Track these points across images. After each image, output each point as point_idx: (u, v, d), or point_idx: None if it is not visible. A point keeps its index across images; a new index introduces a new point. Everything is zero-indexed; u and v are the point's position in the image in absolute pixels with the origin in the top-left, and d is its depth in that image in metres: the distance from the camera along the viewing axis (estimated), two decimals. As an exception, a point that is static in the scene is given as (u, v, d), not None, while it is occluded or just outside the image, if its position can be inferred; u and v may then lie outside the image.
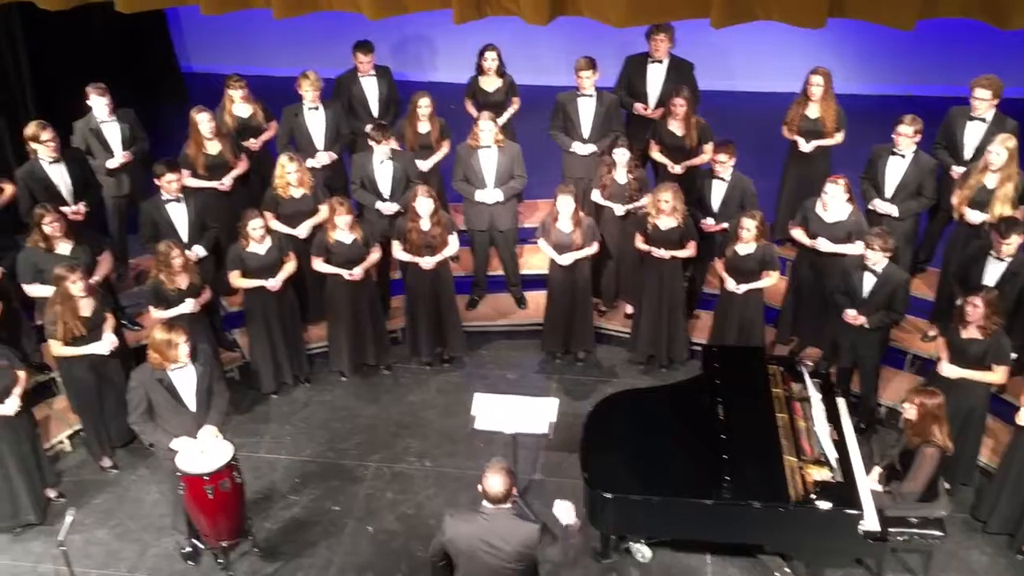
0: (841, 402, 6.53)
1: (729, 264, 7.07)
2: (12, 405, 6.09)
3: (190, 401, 5.80)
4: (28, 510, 6.44)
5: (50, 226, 6.63)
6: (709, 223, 7.46)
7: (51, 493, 6.65)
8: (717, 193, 7.45)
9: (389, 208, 7.65)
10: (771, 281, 7.11)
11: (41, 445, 6.62)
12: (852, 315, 6.63)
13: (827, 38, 7.78)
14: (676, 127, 7.88)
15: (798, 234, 7.23)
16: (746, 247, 6.99)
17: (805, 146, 7.86)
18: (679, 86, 7.87)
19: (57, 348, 6.41)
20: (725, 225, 7.36)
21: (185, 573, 6.21)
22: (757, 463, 5.85)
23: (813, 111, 7.82)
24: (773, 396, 6.34)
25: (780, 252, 7.85)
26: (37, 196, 7.16)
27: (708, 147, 7.81)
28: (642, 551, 6.17)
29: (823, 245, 7.04)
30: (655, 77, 8.27)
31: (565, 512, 4.91)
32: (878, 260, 6.51)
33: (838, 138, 7.91)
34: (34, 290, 6.78)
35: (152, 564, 6.28)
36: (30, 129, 7.22)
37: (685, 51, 8.37)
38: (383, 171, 7.62)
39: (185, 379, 5.78)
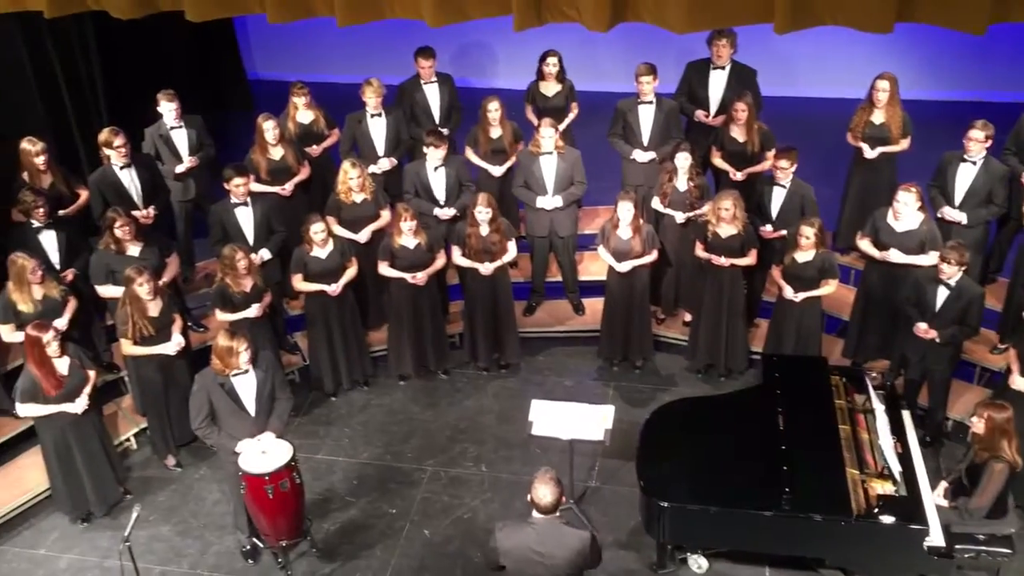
0: (906, 415, 6.40)
1: (787, 272, 6.97)
2: (81, 403, 6.26)
3: (250, 406, 5.90)
4: (92, 504, 6.62)
5: (121, 229, 6.81)
6: (768, 230, 7.37)
7: (120, 489, 6.82)
8: (777, 199, 7.36)
9: (446, 213, 7.71)
10: (830, 289, 6.98)
11: (111, 443, 6.79)
12: (923, 328, 6.47)
13: (894, 42, 7.62)
14: (738, 133, 7.80)
15: (865, 245, 7.08)
16: (805, 255, 6.88)
17: (870, 153, 7.71)
18: (742, 91, 7.79)
19: (127, 347, 6.59)
20: (784, 232, 7.26)
21: (245, 571, 6.32)
22: (818, 475, 5.76)
23: (878, 117, 7.68)
24: (835, 407, 6.23)
25: (841, 260, 7.72)
26: (109, 200, 7.37)
27: (770, 154, 7.72)
28: (698, 562, 6.10)
29: (895, 257, 6.88)
30: (717, 83, 8.19)
31: None
32: (953, 273, 6.35)
33: (904, 145, 7.75)
34: (106, 291, 6.97)
35: (213, 562, 6.39)
36: (103, 135, 7.43)
37: (747, 57, 8.29)
38: (437, 177, 7.68)
39: (246, 385, 5.88)
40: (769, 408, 6.20)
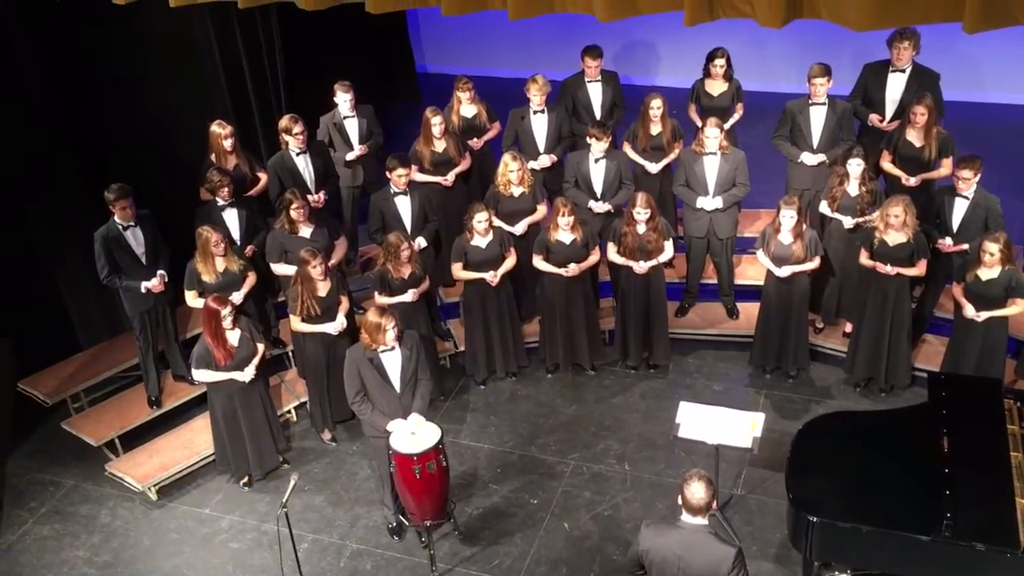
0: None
1: (970, 289, 6.56)
2: (249, 373, 6.63)
3: (396, 382, 6.09)
4: (252, 467, 7.00)
5: (296, 211, 7.14)
6: (947, 243, 6.97)
7: (279, 457, 7.19)
8: (958, 211, 6.96)
9: (601, 207, 7.70)
10: (1017, 310, 6.52)
11: (274, 413, 7.15)
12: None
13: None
14: (915, 137, 7.42)
15: None
16: (989, 272, 6.46)
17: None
18: (923, 94, 7.40)
19: (295, 324, 6.93)
20: (965, 246, 6.86)
21: (390, 546, 6.53)
22: (984, 503, 5.40)
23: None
24: (1007, 432, 5.83)
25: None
26: (284, 183, 7.75)
27: (947, 161, 7.30)
28: (847, 582, 5.87)
29: None
30: (895, 87, 7.82)
31: None
32: None
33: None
34: (280, 269, 7.34)
35: (361, 535, 6.64)
36: (284, 122, 7.81)
37: (929, 59, 7.86)
38: (597, 169, 7.68)
39: (392, 361, 6.08)
40: (933, 429, 5.87)
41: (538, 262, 7.37)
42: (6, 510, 7.06)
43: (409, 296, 7.05)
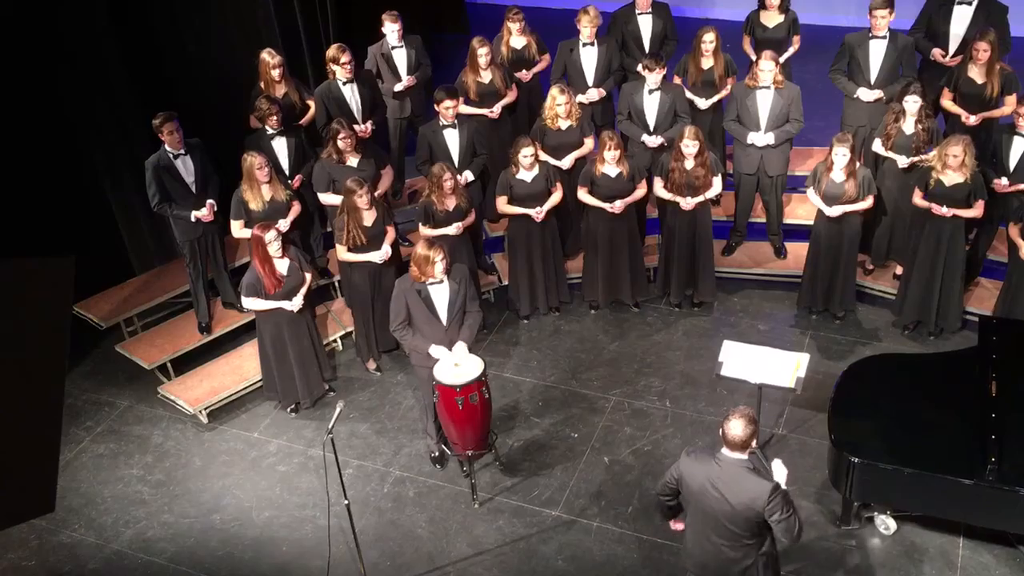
0: None
1: (1028, 231, 6.42)
2: (297, 302, 6.73)
3: (443, 314, 6.14)
4: (298, 393, 7.14)
5: (343, 140, 7.15)
6: (1003, 183, 6.78)
7: (325, 386, 7.33)
8: (1016, 150, 6.75)
9: (653, 141, 7.59)
10: (1076, 254, 6.38)
11: (320, 342, 7.26)
12: None
13: None
14: (976, 74, 7.17)
15: None
16: (1048, 214, 6.31)
17: None
18: (986, 28, 7.13)
19: (341, 253, 6.99)
20: (1022, 186, 6.66)
21: (432, 474, 6.66)
22: (1031, 448, 5.36)
23: None
24: (1059, 379, 5.75)
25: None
26: (331, 113, 7.74)
27: (1010, 99, 7.06)
28: (886, 523, 5.87)
29: None
30: (960, 19, 7.54)
31: (780, 472, 4.74)
32: None
33: None
34: (326, 198, 7.37)
35: (404, 462, 6.78)
36: (331, 51, 7.77)
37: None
38: (651, 102, 7.55)
39: (440, 294, 6.12)
40: (981, 373, 5.79)
41: (583, 195, 7.32)
42: (63, 428, 7.31)
43: (452, 229, 7.05)
